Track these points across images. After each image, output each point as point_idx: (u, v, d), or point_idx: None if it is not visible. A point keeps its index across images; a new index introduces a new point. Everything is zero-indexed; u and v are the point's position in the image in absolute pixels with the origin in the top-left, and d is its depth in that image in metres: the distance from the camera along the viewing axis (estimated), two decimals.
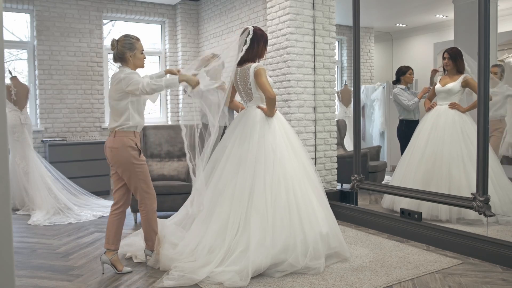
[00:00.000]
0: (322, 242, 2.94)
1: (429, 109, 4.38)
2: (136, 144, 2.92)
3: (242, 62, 3.21)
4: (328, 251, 3.01)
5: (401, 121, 5.05)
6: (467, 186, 3.75)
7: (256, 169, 3.00)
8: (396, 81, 5.09)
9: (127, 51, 2.90)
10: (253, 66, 3.14)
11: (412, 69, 5.06)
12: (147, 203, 2.97)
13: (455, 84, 4.23)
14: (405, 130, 4.97)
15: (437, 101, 4.39)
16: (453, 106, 4.18)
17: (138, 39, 2.99)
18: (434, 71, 4.66)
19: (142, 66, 3.03)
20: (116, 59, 2.96)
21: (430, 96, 4.49)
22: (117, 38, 2.95)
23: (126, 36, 2.96)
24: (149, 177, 2.99)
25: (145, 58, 3.03)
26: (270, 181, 2.98)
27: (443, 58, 4.32)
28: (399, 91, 4.98)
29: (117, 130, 2.91)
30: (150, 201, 2.97)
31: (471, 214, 3.52)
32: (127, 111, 2.88)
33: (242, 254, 2.79)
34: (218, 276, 2.72)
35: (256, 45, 3.20)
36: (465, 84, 4.19)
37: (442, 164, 4.05)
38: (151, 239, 3.02)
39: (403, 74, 5.06)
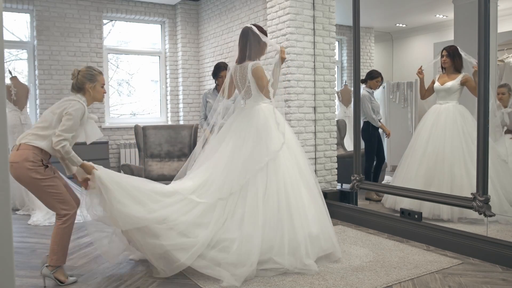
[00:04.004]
0: (311, 244, 2.93)
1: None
2: (42, 160, 2.71)
3: (242, 59, 3.22)
4: (320, 254, 3.00)
5: (367, 123, 5.09)
6: (469, 185, 3.75)
7: (249, 166, 2.99)
8: (363, 82, 5.13)
9: (87, 81, 2.85)
10: (250, 64, 3.15)
11: (382, 77, 5.14)
12: (64, 220, 2.76)
13: (454, 83, 4.23)
14: (372, 132, 5.05)
15: (436, 100, 4.40)
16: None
17: (100, 73, 2.95)
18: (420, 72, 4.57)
19: (101, 100, 2.98)
20: (74, 88, 2.87)
21: (428, 92, 4.49)
22: (79, 69, 2.92)
23: (89, 67, 2.93)
24: (63, 193, 2.77)
25: (105, 92, 2.97)
26: (262, 179, 2.97)
27: (441, 56, 4.33)
28: (368, 97, 5.04)
29: (24, 143, 2.71)
30: (67, 218, 2.76)
31: (473, 213, 3.52)
32: (53, 132, 2.72)
33: (230, 245, 2.80)
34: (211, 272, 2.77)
35: (258, 43, 3.22)
36: (464, 82, 4.20)
37: (444, 164, 4.06)
38: (57, 254, 2.76)
39: (371, 78, 5.12)
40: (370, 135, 5.10)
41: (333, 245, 3.09)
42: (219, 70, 4.52)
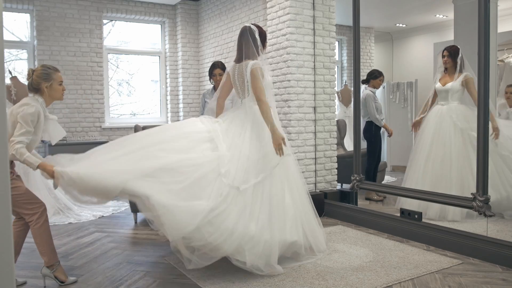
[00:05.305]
0: (283, 250, 2.94)
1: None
2: None
3: (240, 59, 3.20)
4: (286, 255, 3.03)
5: (369, 122, 5.09)
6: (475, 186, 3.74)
7: (240, 166, 2.94)
8: (365, 82, 5.12)
9: (42, 81, 2.74)
10: (250, 63, 3.12)
11: (383, 76, 5.15)
12: (35, 220, 2.71)
13: (455, 83, 4.23)
14: (375, 132, 5.05)
15: (438, 101, 4.39)
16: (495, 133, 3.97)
17: (56, 70, 2.83)
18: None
19: (60, 98, 2.87)
20: (30, 89, 2.77)
21: (433, 98, 4.49)
22: (34, 68, 2.83)
23: (43, 66, 2.82)
24: (25, 193, 2.71)
25: (64, 89, 2.87)
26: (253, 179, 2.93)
27: (443, 56, 4.33)
28: (372, 97, 5.03)
29: None
30: (37, 216, 2.72)
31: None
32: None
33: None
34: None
35: (255, 43, 3.20)
36: (465, 83, 4.20)
37: (451, 165, 4.04)
38: (46, 254, 2.76)
39: (374, 78, 5.13)
40: (373, 135, 5.09)
41: (307, 254, 3.10)
42: (214, 68, 4.49)
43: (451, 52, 4.26)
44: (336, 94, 5.44)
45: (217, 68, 4.47)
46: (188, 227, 2.58)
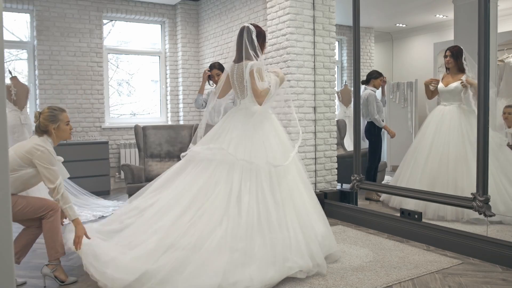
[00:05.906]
0: (319, 244, 2.92)
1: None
2: None
3: (240, 59, 3.18)
4: (325, 253, 3.02)
5: (371, 123, 5.08)
6: (472, 187, 3.74)
7: (246, 169, 2.93)
8: (365, 82, 5.13)
9: (49, 123, 2.83)
10: (250, 63, 3.10)
11: (384, 77, 5.18)
12: (49, 215, 2.79)
13: (457, 84, 4.22)
14: (377, 132, 5.05)
15: (440, 101, 4.39)
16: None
17: (62, 110, 2.91)
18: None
19: (69, 138, 2.96)
20: (38, 131, 2.85)
21: (434, 92, 4.49)
22: (40, 111, 2.89)
23: (49, 108, 2.90)
24: (25, 203, 2.75)
25: (71, 129, 2.96)
26: (267, 184, 2.92)
27: (445, 56, 4.33)
28: (374, 96, 5.04)
29: None
30: (51, 213, 2.80)
31: (474, 213, 3.50)
32: (18, 175, 2.72)
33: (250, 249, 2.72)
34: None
35: (253, 43, 3.18)
36: (465, 84, 4.20)
37: (449, 166, 4.04)
38: (54, 247, 2.80)
39: (374, 78, 5.13)
40: (375, 135, 5.09)
41: (335, 245, 3.12)
42: (211, 69, 4.58)
43: (454, 53, 4.26)
44: (336, 94, 5.44)
45: (213, 69, 4.52)
46: None
